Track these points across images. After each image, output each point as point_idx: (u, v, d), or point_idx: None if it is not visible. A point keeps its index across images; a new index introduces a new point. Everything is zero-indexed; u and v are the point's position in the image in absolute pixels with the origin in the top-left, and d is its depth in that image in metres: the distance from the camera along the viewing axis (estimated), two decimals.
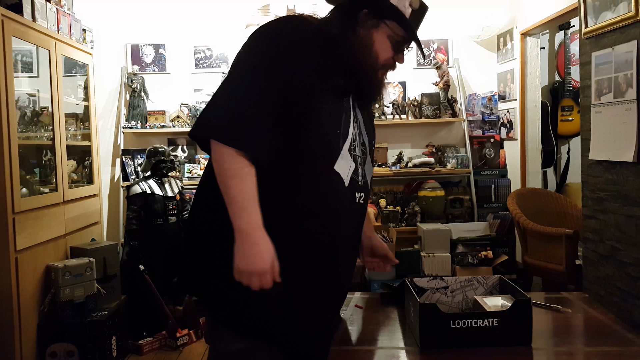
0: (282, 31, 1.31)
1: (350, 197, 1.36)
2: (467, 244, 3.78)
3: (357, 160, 1.38)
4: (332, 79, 1.32)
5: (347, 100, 1.37)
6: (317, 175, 1.30)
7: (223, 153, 1.24)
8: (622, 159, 2.21)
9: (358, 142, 1.39)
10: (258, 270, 1.22)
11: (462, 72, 4.45)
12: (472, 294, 1.65)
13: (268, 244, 1.24)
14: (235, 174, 1.24)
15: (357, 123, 1.40)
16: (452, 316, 1.39)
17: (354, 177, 1.36)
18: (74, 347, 2.98)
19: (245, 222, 1.23)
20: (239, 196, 1.23)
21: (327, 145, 1.31)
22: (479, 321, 1.38)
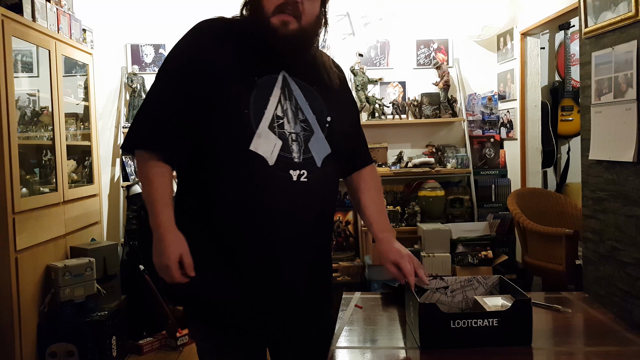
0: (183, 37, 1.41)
1: (281, 176, 1.32)
2: (467, 244, 3.78)
3: (287, 137, 1.34)
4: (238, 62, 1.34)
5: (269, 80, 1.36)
6: (230, 158, 1.32)
7: (138, 159, 1.36)
8: (622, 158, 2.21)
9: (291, 118, 1.36)
10: (162, 265, 1.30)
11: (462, 72, 4.45)
12: (472, 293, 1.65)
13: (174, 241, 1.30)
14: (146, 177, 1.34)
15: (290, 100, 1.37)
16: (452, 316, 1.39)
17: (284, 155, 1.33)
18: (74, 347, 2.98)
19: (153, 220, 1.32)
20: (148, 197, 1.33)
21: (235, 126, 1.31)
22: (479, 321, 1.37)
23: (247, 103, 1.32)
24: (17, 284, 2.78)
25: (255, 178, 1.31)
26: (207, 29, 1.40)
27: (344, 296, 1.91)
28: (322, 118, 1.41)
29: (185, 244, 1.32)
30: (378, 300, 1.87)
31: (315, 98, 1.41)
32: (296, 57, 1.39)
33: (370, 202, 1.59)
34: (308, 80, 1.41)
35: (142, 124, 1.37)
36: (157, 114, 1.35)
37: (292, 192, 1.33)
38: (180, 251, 1.30)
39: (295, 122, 1.36)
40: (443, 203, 4.10)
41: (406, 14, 4.39)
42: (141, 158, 1.36)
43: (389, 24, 4.35)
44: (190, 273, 1.31)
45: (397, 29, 4.39)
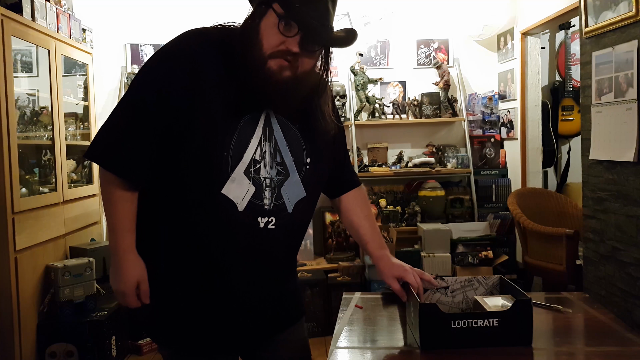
0: (163, 54, 1.29)
1: (248, 223, 1.29)
2: (467, 244, 3.77)
3: (261, 183, 1.29)
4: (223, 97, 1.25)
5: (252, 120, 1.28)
6: (201, 199, 1.27)
7: (102, 176, 1.31)
8: (623, 158, 2.21)
9: (268, 162, 1.30)
10: (119, 291, 1.30)
11: (462, 71, 4.44)
12: (473, 294, 1.64)
13: (132, 268, 1.30)
14: (109, 198, 1.29)
15: (270, 142, 1.31)
16: (453, 316, 1.38)
17: (255, 202, 1.28)
18: (73, 347, 2.98)
19: (113, 244, 1.30)
20: (110, 219, 1.30)
21: (211, 168, 1.25)
22: (479, 321, 1.37)
23: (227, 146, 1.25)
24: (17, 284, 2.78)
25: (222, 222, 1.27)
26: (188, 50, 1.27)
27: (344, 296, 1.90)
28: (301, 159, 1.36)
29: (143, 271, 1.31)
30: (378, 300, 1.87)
31: (296, 138, 1.35)
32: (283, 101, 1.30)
33: (363, 221, 1.58)
34: (290, 118, 1.34)
35: (113, 142, 1.28)
36: (128, 139, 1.27)
37: (257, 239, 1.31)
38: (137, 278, 1.30)
39: (272, 166, 1.31)
40: (443, 203, 4.09)
41: (406, 13, 4.39)
42: (106, 178, 1.30)
43: (389, 24, 4.35)
44: (145, 300, 1.32)
45: (397, 29, 4.38)
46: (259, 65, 1.23)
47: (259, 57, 1.23)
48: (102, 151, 1.29)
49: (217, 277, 1.32)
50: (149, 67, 1.30)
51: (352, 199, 1.60)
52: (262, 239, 1.32)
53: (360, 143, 4.32)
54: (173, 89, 1.24)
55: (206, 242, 1.29)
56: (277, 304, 1.46)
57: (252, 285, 1.36)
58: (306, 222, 1.45)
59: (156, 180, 1.30)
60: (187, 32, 1.32)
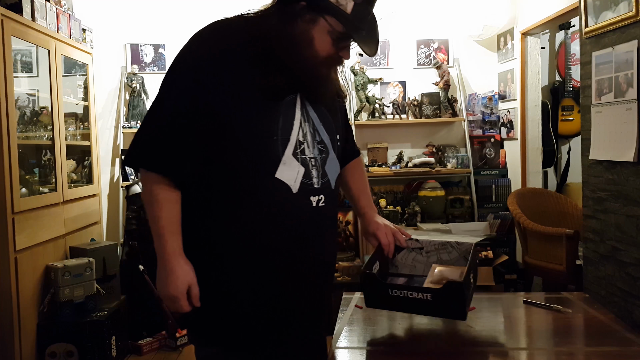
0: (192, 46, 1.30)
1: (303, 203, 1.31)
2: None
3: (308, 163, 1.32)
4: (262, 80, 1.26)
5: (291, 101, 1.31)
6: (255, 186, 1.27)
7: (145, 179, 1.29)
8: (623, 158, 2.21)
9: (310, 142, 1.34)
10: (169, 296, 1.28)
11: (462, 71, 4.44)
12: (447, 256, 1.71)
13: (182, 272, 1.27)
14: (154, 200, 1.27)
15: (309, 122, 1.34)
16: (390, 287, 1.49)
17: (306, 182, 1.31)
18: (73, 347, 2.98)
19: (161, 248, 1.28)
20: (156, 223, 1.28)
21: (263, 154, 1.27)
22: (414, 294, 1.46)
23: (276, 129, 1.28)
24: (17, 284, 2.78)
25: (279, 205, 1.28)
26: (227, 35, 1.29)
27: (344, 296, 1.91)
28: (334, 137, 1.41)
29: (193, 274, 1.30)
30: None
31: (326, 117, 1.40)
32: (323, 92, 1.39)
33: (356, 183, 1.65)
34: (318, 99, 1.39)
35: (152, 142, 1.28)
36: (170, 134, 1.27)
37: (311, 218, 1.33)
38: (188, 281, 1.28)
39: (314, 146, 1.34)
40: (443, 203, 4.09)
41: (406, 13, 4.39)
42: (148, 178, 1.29)
43: (389, 24, 4.35)
44: (196, 304, 1.30)
45: (397, 29, 4.38)
46: (310, 69, 1.30)
47: (310, 62, 1.29)
48: (144, 154, 1.29)
49: (275, 262, 1.31)
50: (181, 62, 1.30)
51: (351, 166, 1.66)
52: (315, 218, 1.34)
53: (360, 143, 4.31)
54: (209, 80, 1.25)
55: (262, 229, 1.28)
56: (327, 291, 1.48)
57: (309, 268, 1.37)
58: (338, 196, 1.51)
59: (202, 176, 1.29)
60: (213, 23, 1.33)
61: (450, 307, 1.45)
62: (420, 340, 1.55)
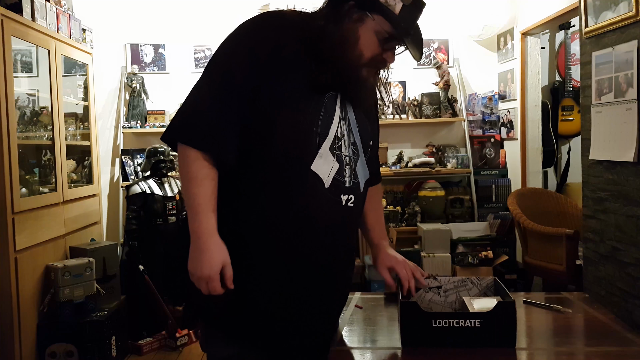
0: (247, 27, 1.29)
1: (333, 200, 1.29)
2: (467, 244, 3.77)
3: (342, 160, 1.30)
4: (309, 74, 1.26)
5: (333, 97, 1.30)
6: (289, 175, 1.26)
7: (184, 155, 1.25)
8: (623, 158, 2.21)
9: (346, 140, 1.32)
10: (204, 276, 1.22)
11: (462, 71, 4.44)
12: (466, 294, 1.64)
13: (217, 251, 1.23)
14: (193, 177, 1.24)
15: (346, 121, 1.33)
16: (434, 315, 1.39)
17: (338, 179, 1.29)
18: (73, 347, 2.98)
19: (197, 226, 1.24)
20: (193, 200, 1.24)
21: (301, 143, 1.25)
22: (460, 321, 1.37)
23: (316, 121, 1.26)
24: (17, 284, 2.78)
25: (310, 198, 1.26)
26: (282, 25, 1.30)
27: None
28: (367, 141, 1.40)
29: (227, 254, 1.25)
30: (378, 300, 1.87)
31: (362, 120, 1.39)
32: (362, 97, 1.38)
33: (371, 211, 1.60)
34: (357, 101, 1.37)
35: (195, 117, 1.26)
36: (215, 111, 1.25)
37: (340, 216, 1.31)
38: (222, 261, 1.24)
39: (348, 145, 1.33)
40: (443, 203, 4.09)
41: None
42: (188, 154, 1.25)
43: None
44: (230, 285, 1.25)
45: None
46: (354, 69, 1.28)
47: (355, 63, 1.28)
48: (185, 129, 1.26)
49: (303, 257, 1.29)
50: (233, 42, 1.29)
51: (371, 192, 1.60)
52: (343, 216, 1.32)
53: None
54: (258, 62, 1.24)
55: (293, 219, 1.26)
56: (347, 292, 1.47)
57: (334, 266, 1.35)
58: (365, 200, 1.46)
59: (239, 160, 1.27)
60: (268, 12, 1.34)
61: (500, 332, 1.37)
62: None
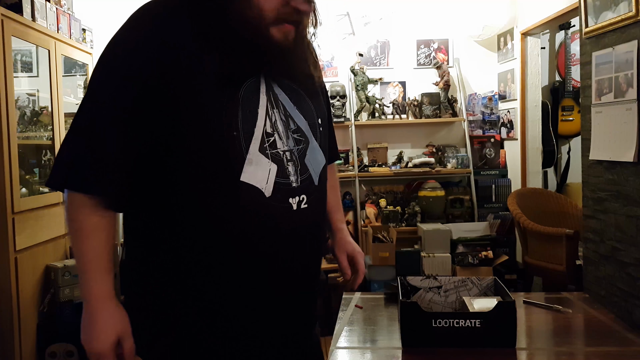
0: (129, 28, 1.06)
1: (280, 208, 1.07)
2: (467, 244, 3.77)
3: (281, 158, 1.08)
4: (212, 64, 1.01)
5: (252, 85, 1.06)
6: (214, 194, 1.03)
7: (68, 202, 1.03)
8: (623, 159, 2.21)
9: (283, 132, 1.09)
10: (93, 351, 1.03)
11: (462, 71, 4.44)
12: (466, 294, 1.64)
13: (111, 321, 1.03)
14: (79, 229, 1.02)
15: (279, 108, 1.10)
16: (434, 315, 1.39)
17: (281, 181, 1.07)
18: (73, 347, 2.97)
19: (86, 290, 1.04)
20: (81, 257, 1.03)
21: (221, 154, 1.02)
22: (461, 321, 1.37)
23: (235, 123, 1.02)
24: (17, 284, 2.78)
25: (250, 214, 1.04)
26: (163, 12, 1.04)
27: (344, 296, 1.90)
28: (314, 122, 1.17)
29: (126, 324, 1.05)
30: (378, 300, 1.87)
31: (303, 99, 1.16)
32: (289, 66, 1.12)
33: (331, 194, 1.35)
34: (289, 78, 1.13)
35: (76, 154, 1.01)
36: (101, 142, 1.00)
37: (292, 223, 1.09)
38: (118, 333, 1.03)
39: (287, 136, 1.09)
40: (443, 203, 4.09)
41: (406, 13, 4.39)
42: (74, 201, 1.02)
43: (389, 24, 4.35)
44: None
45: (397, 29, 4.38)
46: (261, 36, 1.03)
47: (258, 25, 1.03)
48: (66, 170, 1.02)
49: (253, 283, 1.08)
50: (114, 54, 1.06)
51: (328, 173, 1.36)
52: (297, 222, 1.10)
53: (360, 143, 4.32)
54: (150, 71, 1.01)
55: (235, 244, 1.05)
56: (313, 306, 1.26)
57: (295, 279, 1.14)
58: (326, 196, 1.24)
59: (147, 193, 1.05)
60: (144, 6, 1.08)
61: (501, 332, 1.36)
62: None
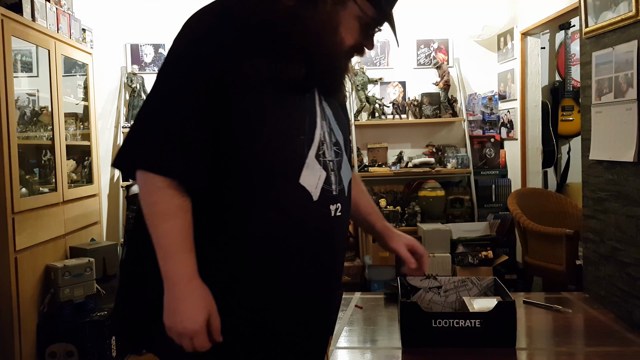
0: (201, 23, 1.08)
1: (323, 213, 1.12)
2: (467, 244, 3.77)
3: (328, 166, 1.13)
4: (285, 70, 1.08)
5: (311, 95, 1.14)
6: (275, 194, 1.07)
7: (147, 184, 1.05)
8: (623, 159, 2.21)
9: (329, 143, 1.15)
10: (186, 331, 1.02)
11: (462, 71, 4.44)
12: (466, 294, 1.64)
13: (200, 298, 1.04)
14: (161, 210, 1.04)
15: (326, 120, 1.16)
16: (434, 315, 1.39)
17: (326, 188, 1.12)
18: (73, 347, 2.97)
19: (171, 270, 1.03)
20: (165, 239, 1.04)
21: (288, 155, 1.07)
22: (460, 321, 1.37)
23: (303, 128, 1.09)
24: (17, 284, 2.78)
25: (299, 216, 1.09)
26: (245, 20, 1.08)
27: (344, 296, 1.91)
28: (347, 137, 1.24)
29: (212, 301, 1.06)
30: (378, 300, 1.87)
31: (340, 115, 1.23)
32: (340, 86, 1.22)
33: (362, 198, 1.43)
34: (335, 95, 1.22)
35: (156, 137, 1.04)
36: (180, 128, 1.04)
37: (330, 229, 1.15)
38: (208, 310, 1.05)
39: (331, 147, 1.15)
40: (443, 203, 4.09)
41: (406, 13, 4.38)
42: (152, 183, 1.04)
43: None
44: (218, 338, 1.06)
45: (397, 29, 4.37)
46: (335, 59, 1.13)
47: (335, 52, 1.12)
48: (144, 152, 1.05)
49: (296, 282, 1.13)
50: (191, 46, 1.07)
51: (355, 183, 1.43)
52: (333, 229, 1.16)
53: (360, 143, 4.32)
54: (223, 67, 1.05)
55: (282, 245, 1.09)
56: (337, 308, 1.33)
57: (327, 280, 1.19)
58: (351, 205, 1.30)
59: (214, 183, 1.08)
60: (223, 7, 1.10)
61: (500, 332, 1.36)
62: None
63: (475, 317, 1.37)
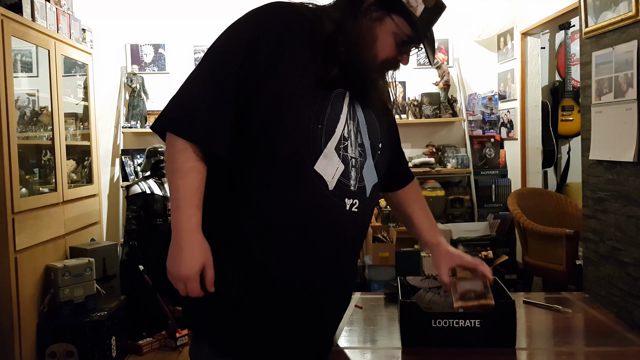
0: (252, 15, 1.22)
1: (336, 204, 1.19)
2: (467, 244, 3.77)
3: (348, 162, 1.21)
4: (317, 68, 1.18)
5: (340, 95, 1.22)
6: (290, 174, 1.16)
7: (171, 145, 1.17)
8: (623, 159, 2.21)
9: (353, 142, 1.23)
10: (181, 275, 1.15)
11: (462, 71, 4.44)
12: None
13: (198, 249, 1.16)
14: (178, 168, 1.16)
15: (354, 121, 1.24)
16: (434, 315, 1.39)
17: (343, 181, 1.20)
18: (73, 347, 2.98)
19: (177, 221, 1.16)
20: (176, 193, 1.16)
21: (305, 141, 1.16)
22: (460, 321, 1.37)
23: (322, 118, 1.17)
24: (17, 284, 2.78)
25: (311, 200, 1.17)
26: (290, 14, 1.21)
27: None
28: (375, 144, 1.30)
29: (209, 254, 1.18)
30: (378, 300, 1.87)
31: (372, 122, 1.30)
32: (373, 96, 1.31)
33: (418, 212, 1.51)
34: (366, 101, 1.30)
35: (187, 106, 1.17)
36: (209, 100, 1.16)
37: (343, 221, 1.21)
38: (203, 261, 1.16)
39: (355, 146, 1.23)
40: (443, 203, 4.09)
41: None
42: (175, 144, 1.16)
43: None
44: (210, 288, 1.17)
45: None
46: (366, 70, 1.22)
47: (369, 64, 1.22)
48: (175, 118, 1.17)
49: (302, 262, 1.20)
50: (235, 30, 1.21)
51: (410, 193, 1.54)
52: (346, 222, 1.22)
53: None
54: (261, 52, 1.16)
55: (291, 223, 1.18)
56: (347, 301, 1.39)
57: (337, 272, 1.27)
58: (373, 211, 1.38)
59: (233, 157, 1.19)
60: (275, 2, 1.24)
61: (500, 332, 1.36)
62: None
63: (475, 317, 1.37)
